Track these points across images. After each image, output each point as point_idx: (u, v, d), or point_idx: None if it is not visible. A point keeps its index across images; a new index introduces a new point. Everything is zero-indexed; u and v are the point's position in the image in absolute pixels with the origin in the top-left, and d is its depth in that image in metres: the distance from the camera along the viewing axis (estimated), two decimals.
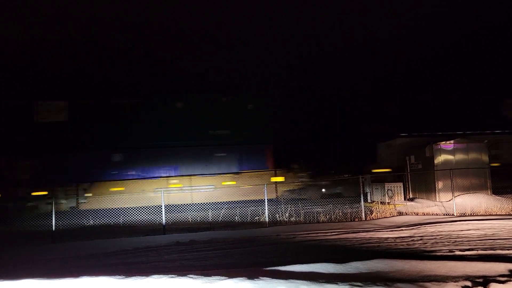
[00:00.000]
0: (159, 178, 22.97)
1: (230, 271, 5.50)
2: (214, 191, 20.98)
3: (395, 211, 14.00)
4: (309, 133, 29.82)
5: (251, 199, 16.26)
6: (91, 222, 15.09)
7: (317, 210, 14.96)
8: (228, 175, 22.98)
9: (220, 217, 14.37)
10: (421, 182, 16.79)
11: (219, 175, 22.93)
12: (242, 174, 22.78)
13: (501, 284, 4.61)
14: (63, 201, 21.36)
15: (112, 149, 24.68)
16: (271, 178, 22.35)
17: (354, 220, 12.81)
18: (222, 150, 24.64)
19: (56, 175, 23.03)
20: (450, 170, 14.40)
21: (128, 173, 23.57)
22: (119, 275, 5.35)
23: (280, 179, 22.27)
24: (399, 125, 26.41)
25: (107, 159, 24.37)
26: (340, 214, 13.53)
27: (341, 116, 29.48)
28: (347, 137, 28.56)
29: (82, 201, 21.44)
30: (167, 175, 23.52)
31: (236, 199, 18.29)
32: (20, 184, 22.73)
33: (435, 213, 13.61)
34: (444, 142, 16.27)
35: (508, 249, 6.84)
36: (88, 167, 24.20)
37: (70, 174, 23.45)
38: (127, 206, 18.10)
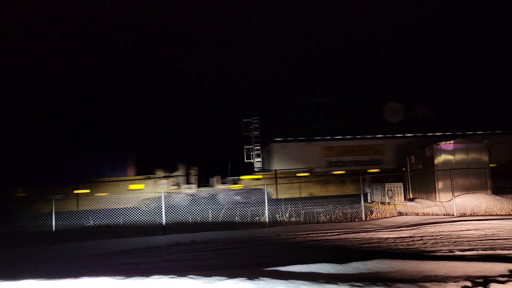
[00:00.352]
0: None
1: (230, 271, 5.50)
2: (64, 200, 19.13)
3: (395, 211, 14.00)
4: (172, 139, 28.64)
5: (107, 207, 15.56)
6: (91, 222, 15.11)
7: (317, 210, 14.97)
8: (82, 183, 21.10)
9: (220, 218, 14.37)
10: (421, 182, 16.79)
11: (72, 184, 20.96)
12: (98, 182, 21.07)
13: (501, 284, 4.61)
14: None
15: None
16: (129, 185, 20.97)
17: (354, 220, 12.81)
18: (78, 156, 22.92)
19: None
20: (450, 170, 14.39)
21: None
22: (119, 275, 5.35)
23: (139, 186, 20.99)
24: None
25: None
26: (340, 214, 13.53)
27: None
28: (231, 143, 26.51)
29: None
30: (11, 184, 20.92)
31: (91, 208, 17.52)
32: None
33: (435, 213, 13.61)
34: (444, 142, 16.28)
35: (508, 249, 6.85)
36: None
37: None
38: None
